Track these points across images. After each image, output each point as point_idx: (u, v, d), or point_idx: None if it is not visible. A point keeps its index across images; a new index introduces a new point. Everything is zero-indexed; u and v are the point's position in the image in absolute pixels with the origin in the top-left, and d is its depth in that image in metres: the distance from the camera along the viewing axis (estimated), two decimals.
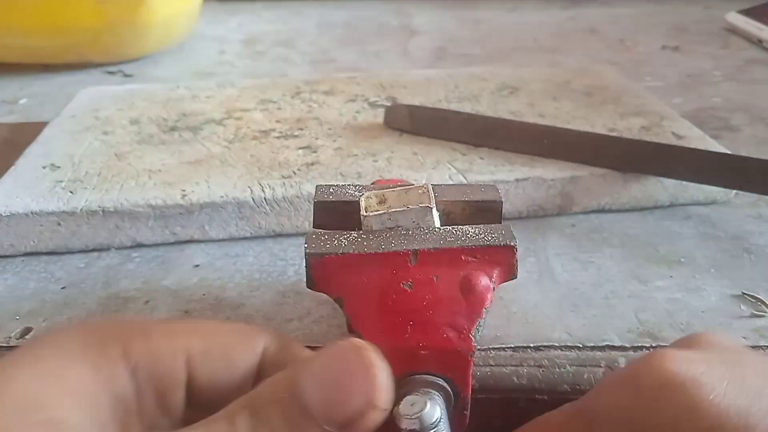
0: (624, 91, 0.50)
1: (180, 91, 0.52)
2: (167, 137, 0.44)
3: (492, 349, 0.30)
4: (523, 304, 0.33)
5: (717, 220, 0.39)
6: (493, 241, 0.26)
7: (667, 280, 0.34)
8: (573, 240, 0.38)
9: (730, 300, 0.33)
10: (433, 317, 0.25)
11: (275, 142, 0.43)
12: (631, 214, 0.40)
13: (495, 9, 0.89)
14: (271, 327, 0.31)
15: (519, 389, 0.29)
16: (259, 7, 0.91)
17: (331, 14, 0.88)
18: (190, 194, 0.37)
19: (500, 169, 0.39)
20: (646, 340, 0.30)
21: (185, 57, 0.72)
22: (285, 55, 0.72)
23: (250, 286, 0.34)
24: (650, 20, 0.83)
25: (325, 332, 0.31)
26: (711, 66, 0.66)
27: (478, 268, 0.25)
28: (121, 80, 0.65)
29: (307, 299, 0.33)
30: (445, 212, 0.29)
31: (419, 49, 0.73)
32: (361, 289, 0.25)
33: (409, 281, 0.25)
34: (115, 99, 0.50)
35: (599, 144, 0.40)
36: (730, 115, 0.54)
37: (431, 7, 0.90)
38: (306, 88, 0.52)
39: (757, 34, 0.72)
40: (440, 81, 0.53)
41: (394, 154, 0.41)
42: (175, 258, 0.37)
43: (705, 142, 0.42)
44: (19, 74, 0.65)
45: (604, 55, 0.70)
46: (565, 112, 0.47)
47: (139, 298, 0.33)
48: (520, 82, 0.52)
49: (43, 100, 0.59)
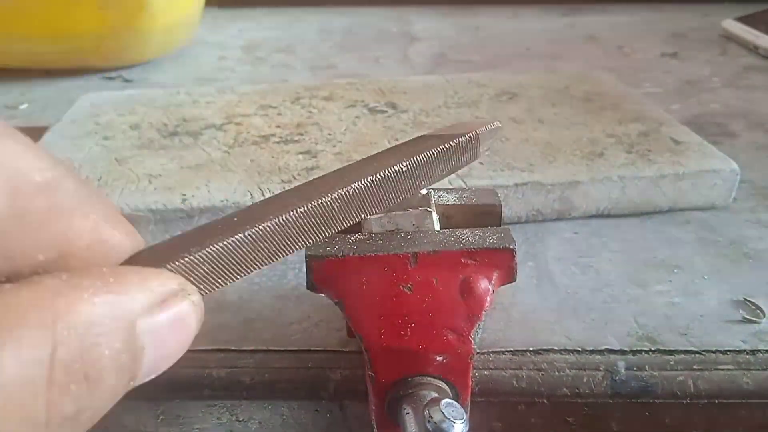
0: (623, 97, 0.51)
1: (180, 97, 0.52)
2: (168, 142, 0.44)
3: (491, 353, 0.30)
4: (523, 308, 0.33)
5: (716, 224, 0.40)
6: (493, 243, 0.26)
7: (666, 284, 0.34)
8: (572, 244, 0.38)
9: (729, 304, 0.33)
10: (432, 320, 0.25)
11: (275, 147, 0.43)
12: (630, 218, 0.40)
13: (494, 16, 0.89)
14: (271, 331, 0.31)
15: (518, 393, 0.29)
16: (259, 14, 0.91)
17: (331, 21, 0.88)
18: (190, 199, 0.37)
19: (500, 174, 0.39)
20: (645, 345, 0.30)
21: (186, 63, 0.72)
22: (285, 61, 0.72)
23: (250, 290, 0.34)
24: (649, 27, 0.83)
25: (325, 336, 0.31)
26: (709, 72, 0.66)
27: (478, 270, 0.25)
28: (121, 86, 0.65)
29: (307, 303, 0.33)
30: (444, 216, 0.29)
31: (419, 55, 0.74)
32: (361, 292, 0.25)
33: (409, 284, 0.25)
34: (115, 104, 0.51)
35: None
36: (728, 121, 0.54)
37: (431, 13, 0.90)
38: (306, 93, 0.52)
39: (753, 42, 0.72)
40: (439, 87, 0.53)
41: None
42: None
43: (704, 148, 0.42)
44: (21, 79, 0.65)
45: (602, 62, 0.70)
46: (564, 118, 0.47)
47: None
48: (519, 88, 0.52)
49: (44, 105, 0.60)
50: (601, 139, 0.44)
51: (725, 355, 0.30)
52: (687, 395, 0.29)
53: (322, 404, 0.30)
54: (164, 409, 0.30)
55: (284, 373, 0.29)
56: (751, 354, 0.30)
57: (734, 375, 0.29)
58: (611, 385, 0.29)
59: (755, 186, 0.44)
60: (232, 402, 0.30)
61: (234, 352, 0.30)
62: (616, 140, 0.43)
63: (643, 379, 0.29)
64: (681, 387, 0.29)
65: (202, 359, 0.30)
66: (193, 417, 0.30)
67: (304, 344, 0.30)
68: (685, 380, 0.29)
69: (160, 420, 0.30)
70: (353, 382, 0.29)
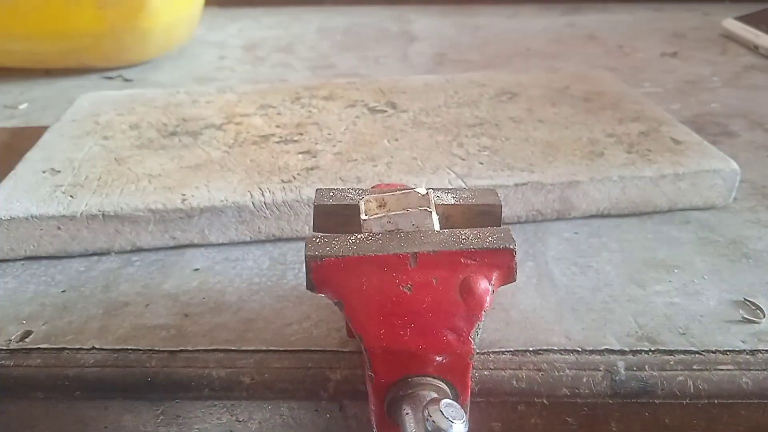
0: (623, 96, 0.51)
1: (180, 96, 0.52)
2: (167, 142, 0.44)
3: (491, 353, 0.30)
4: (523, 308, 0.33)
5: (715, 224, 0.40)
6: (492, 244, 0.26)
7: (665, 284, 0.34)
8: (572, 244, 0.38)
9: (728, 304, 0.33)
10: (432, 320, 0.25)
11: (275, 146, 0.43)
12: (630, 218, 0.40)
13: (494, 15, 0.89)
14: (271, 331, 0.31)
15: (518, 393, 0.29)
16: (259, 13, 0.91)
17: (331, 20, 0.88)
18: (190, 198, 0.37)
19: (499, 174, 0.39)
20: (645, 344, 0.30)
21: (185, 62, 0.72)
22: (285, 61, 0.72)
23: (249, 290, 0.34)
24: (649, 26, 0.83)
25: (325, 336, 0.31)
26: (709, 72, 0.66)
27: (478, 270, 0.25)
28: (121, 85, 0.65)
29: (307, 303, 0.33)
30: (444, 216, 0.29)
31: (419, 54, 0.74)
32: (361, 292, 0.25)
33: (409, 284, 0.25)
34: (115, 104, 0.51)
35: None
36: (728, 120, 0.54)
37: (431, 13, 0.90)
38: (306, 93, 0.52)
39: (753, 41, 0.72)
40: (439, 86, 0.53)
41: (393, 159, 0.41)
42: (174, 262, 0.37)
43: (704, 148, 0.42)
44: (20, 79, 0.65)
45: (602, 61, 0.70)
46: (564, 117, 0.47)
47: (139, 302, 0.33)
48: (519, 88, 0.52)
49: (43, 104, 0.60)
50: (601, 138, 0.44)
51: (725, 355, 0.30)
52: (687, 395, 0.29)
53: (321, 404, 0.30)
54: (164, 409, 0.30)
55: (284, 373, 0.29)
56: (751, 354, 0.30)
57: (734, 375, 0.29)
58: (611, 385, 0.29)
59: (755, 186, 0.44)
60: (232, 402, 0.30)
61: (234, 352, 0.30)
62: (616, 140, 0.43)
63: (643, 379, 0.29)
64: (681, 387, 0.29)
65: (202, 359, 0.30)
66: (193, 417, 0.30)
67: (304, 344, 0.30)
68: (684, 380, 0.29)
69: (160, 420, 0.30)
70: (353, 382, 0.29)
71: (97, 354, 0.30)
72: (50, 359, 0.30)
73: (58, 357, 0.30)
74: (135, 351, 0.30)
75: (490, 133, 0.45)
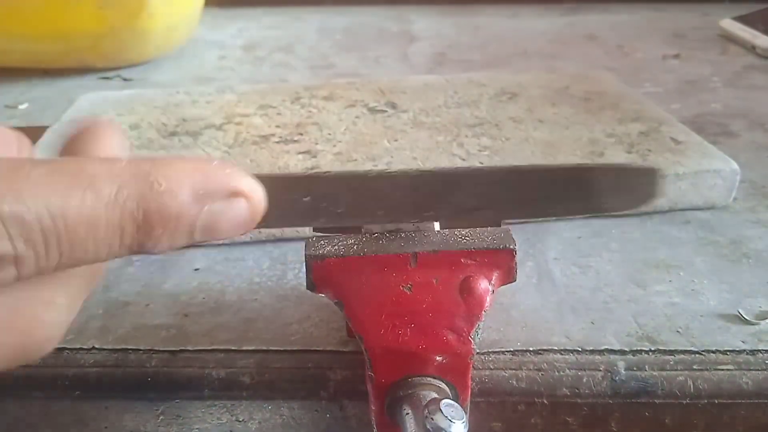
0: (623, 96, 0.51)
1: (180, 96, 0.52)
2: (167, 142, 0.44)
3: (491, 353, 0.30)
4: (523, 308, 0.33)
5: (716, 224, 0.40)
6: (493, 244, 0.26)
7: (665, 284, 0.34)
8: (572, 244, 0.38)
9: (728, 304, 0.33)
10: (432, 320, 0.25)
11: (275, 147, 0.43)
12: (630, 218, 0.40)
13: (494, 15, 0.89)
14: (271, 331, 0.31)
15: (518, 393, 0.29)
16: (259, 13, 0.91)
17: (331, 20, 0.88)
18: None
19: None
20: (645, 344, 0.30)
21: (185, 62, 0.72)
22: (285, 61, 0.72)
23: (249, 290, 0.34)
24: (649, 27, 0.83)
25: (325, 336, 0.31)
26: (709, 72, 0.66)
27: (478, 270, 0.25)
28: (121, 85, 0.65)
29: (307, 303, 0.33)
30: None
31: (419, 54, 0.74)
32: (361, 292, 0.25)
33: (409, 284, 0.25)
34: (115, 104, 0.51)
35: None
36: (728, 120, 0.54)
37: (431, 13, 0.90)
38: (306, 93, 0.52)
39: (751, 41, 0.72)
40: (439, 86, 0.53)
41: (393, 159, 0.41)
42: (175, 262, 0.37)
43: (703, 148, 0.42)
44: (21, 79, 0.65)
45: (603, 62, 0.70)
46: (564, 117, 0.47)
47: (139, 301, 0.33)
48: (519, 88, 0.52)
49: (44, 104, 0.60)
50: (601, 138, 0.44)
51: (725, 355, 0.30)
52: (687, 395, 0.29)
53: (321, 404, 0.30)
54: (164, 409, 0.30)
55: (284, 373, 0.29)
56: (751, 354, 0.30)
57: (734, 375, 0.29)
58: (611, 385, 0.29)
59: (755, 186, 0.44)
60: (232, 402, 0.30)
61: (234, 352, 0.30)
62: (616, 140, 0.43)
63: (643, 379, 0.29)
64: (681, 387, 0.29)
65: (202, 359, 0.30)
66: (193, 417, 0.30)
67: (304, 344, 0.30)
68: (684, 380, 0.29)
69: (160, 420, 0.30)
70: (353, 383, 0.29)
71: (97, 354, 0.30)
72: (50, 359, 0.30)
73: (58, 357, 0.30)
74: (135, 351, 0.30)
75: (490, 133, 0.45)
